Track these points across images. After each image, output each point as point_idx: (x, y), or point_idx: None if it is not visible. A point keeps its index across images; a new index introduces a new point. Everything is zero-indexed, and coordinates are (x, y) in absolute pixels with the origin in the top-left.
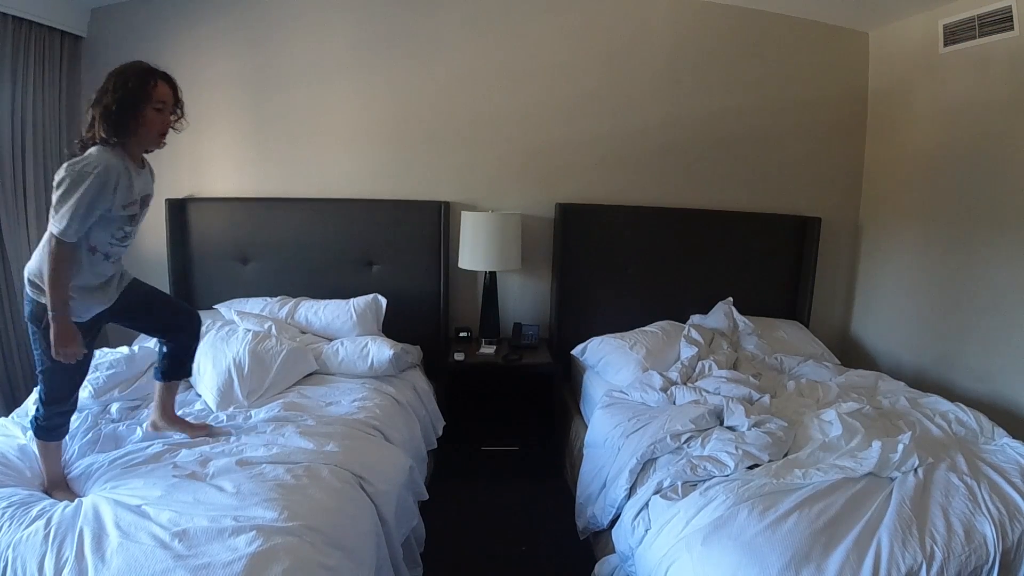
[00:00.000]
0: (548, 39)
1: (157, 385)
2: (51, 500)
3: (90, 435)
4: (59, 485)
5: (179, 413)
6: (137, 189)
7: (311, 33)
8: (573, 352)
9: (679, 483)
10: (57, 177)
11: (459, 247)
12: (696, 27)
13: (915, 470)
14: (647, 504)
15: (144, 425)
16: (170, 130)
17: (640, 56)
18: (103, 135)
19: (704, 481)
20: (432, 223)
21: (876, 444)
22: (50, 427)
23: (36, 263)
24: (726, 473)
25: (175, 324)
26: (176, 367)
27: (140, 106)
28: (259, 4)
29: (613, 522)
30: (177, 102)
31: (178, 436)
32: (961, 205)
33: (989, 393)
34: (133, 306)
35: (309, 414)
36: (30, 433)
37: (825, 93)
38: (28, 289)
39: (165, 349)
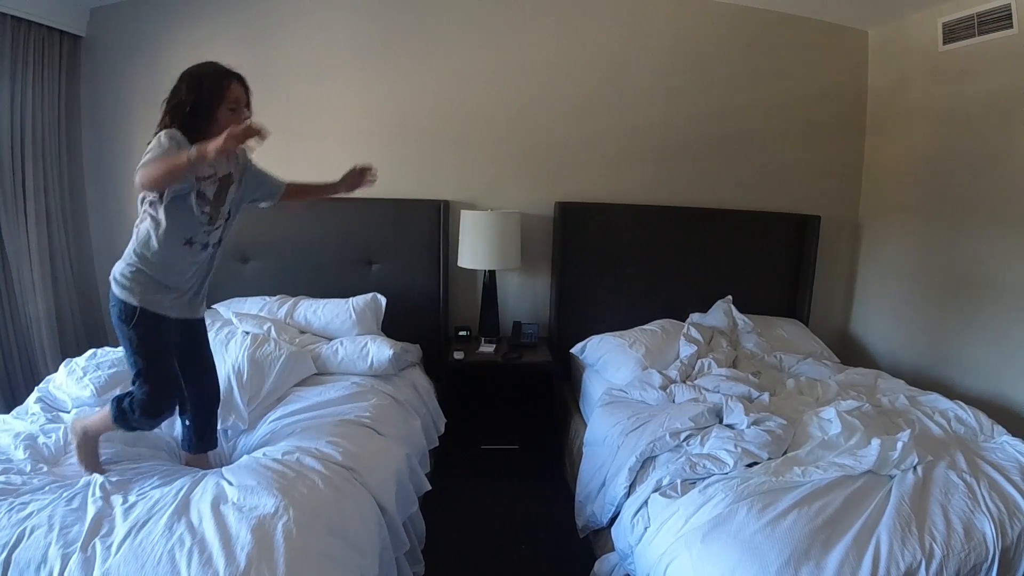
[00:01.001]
0: (547, 38)
1: (184, 455)
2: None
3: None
4: (86, 446)
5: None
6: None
7: (310, 32)
8: (572, 351)
9: (678, 481)
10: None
11: (459, 246)
12: (696, 25)
13: (914, 468)
14: (646, 502)
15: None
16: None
17: (640, 54)
18: (186, 122)
19: (703, 479)
20: (432, 222)
21: (875, 442)
22: (132, 424)
23: (122, 262)
24: (725, 471)
25: (202, 380)
26: (201, 441)
27: (214, 107)
28: (258, 4)
29: (613, 520)
30: (248, 103)
31: None
32: (960, 203)
33: (989, 391)
34: (191, 338)
35: (308, 415)
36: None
37: (825, 91)
38: (114, 290)
39: (188, 423)
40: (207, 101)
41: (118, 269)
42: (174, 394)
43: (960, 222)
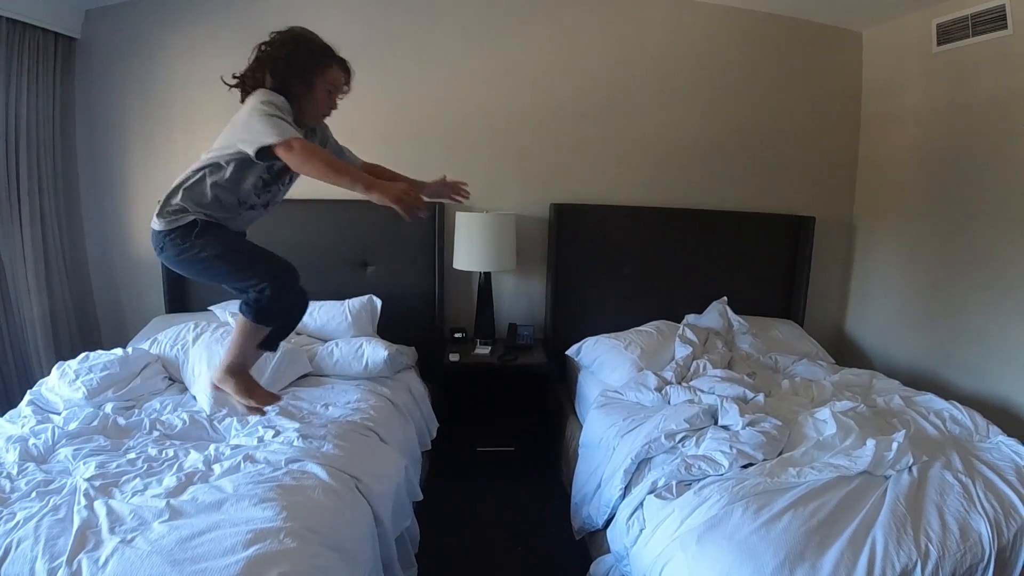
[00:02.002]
0: (543, 40)
1: (239, 321)
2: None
3: (96, 422)
4: (241, 375)
5: (174, 414)
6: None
7: None
8: (568, 352)
9: (674, 482)
10: (249, 108)
11: (454, 248)
12: (690, 27)
13: (910, 468)
14: (642, 504)
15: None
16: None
17: (635, 56)
18: (270, 83)
19: (698, 480)
20: (427, 223)
21: (870, 443)
22: (275, 307)
23: (167, 203)
24: (720, 472)
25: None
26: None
27: (309, 75)
28: (253, 7)
29: (608, 522)
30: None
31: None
32: (955, 204)
33: (984, 391)
34: None
35: (304, 415)
36: None
37: (819, 92)
38: (162, 224)
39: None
40: (307, 69)
41: (163, 207)
42: (284, 263)
43: (955, 223)
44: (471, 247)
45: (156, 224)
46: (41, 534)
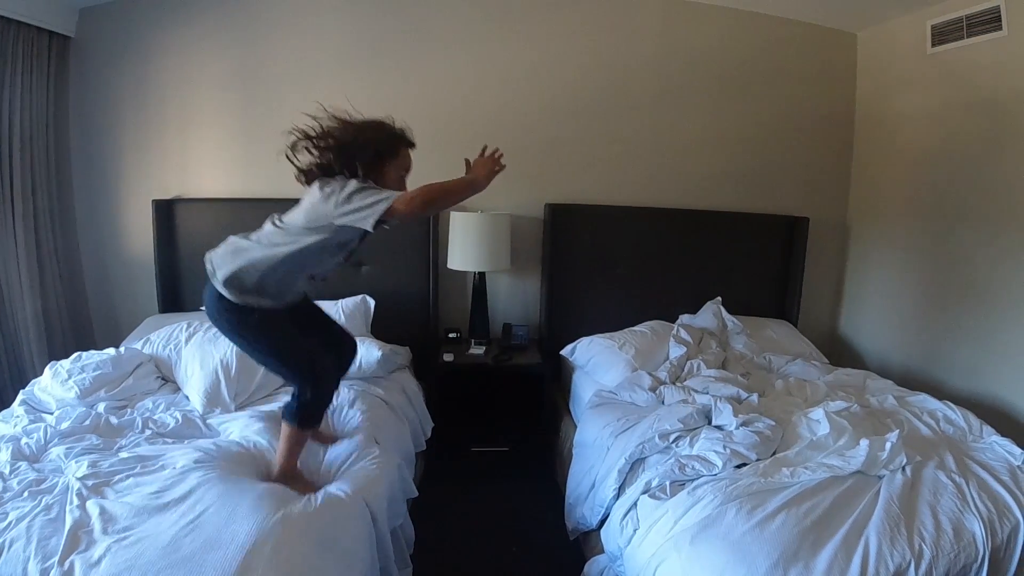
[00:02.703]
0: (537, 40)
1: (284, 429)
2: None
3: (88, 421)
4: (294, 476)
5: (167, 413)
6: None
7: (300, 34)
8: (562, 352)
9: (667, 483)
10: (335, 188)
11: (448, 247)
12: (685, 28)
13: (903, 468)
14: (635, 504)
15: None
16: None
17: (629, 57)
18: (358, 173)
19: (692, 480)
20: (421, 223)
21: (864, 442)
22: (315, 411)
23: (226, 260)
24: (714, 472)
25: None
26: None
27: (386, 164)
28: (248, 6)
29: (603, 522)
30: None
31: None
32: (949, 204)
33: (977, 391)
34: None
35: None
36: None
37: (813, 94)
38: (225, 294)
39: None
40: (384, 156)
41: (224, 271)
42: (327, 367)
43: (949, 224)
44: (466, 247)
45: (224, 290)
46: (33, 534)
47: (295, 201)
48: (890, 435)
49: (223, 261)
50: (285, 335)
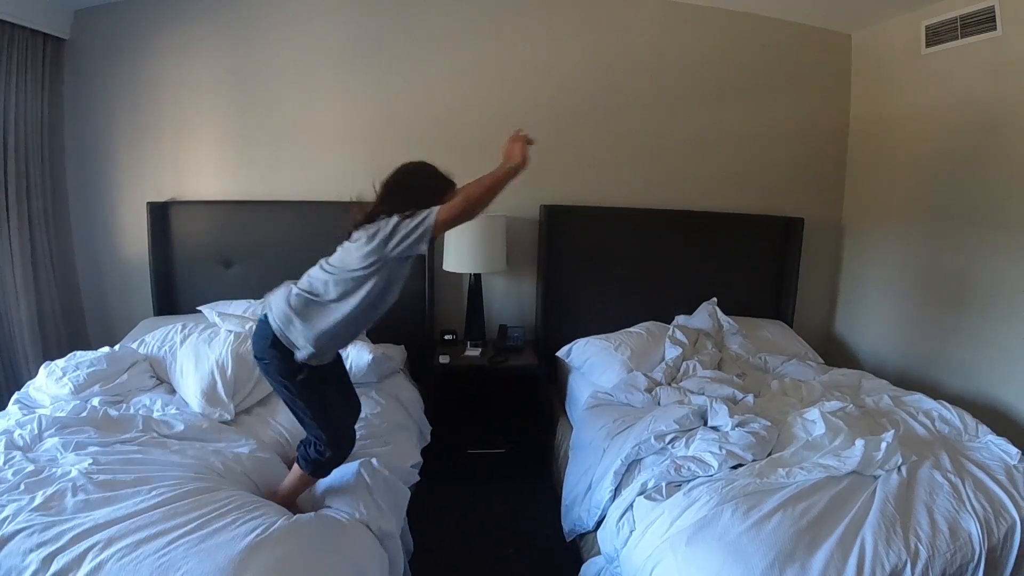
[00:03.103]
0: (531, 41)
1: (295, 470)
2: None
3: (85, 413)
4: (291, 506)
5: (166, 411)
6: None
7: (295, 36)
8: (558, 354)
9: (663, 484)
10: (380, 227)
11: (444, 249)
12: (680, 30)
13: (899, 468)
14: (631, 505)
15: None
16: None
17: (623, 58)
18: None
19: (688, 481)
20: None
21: (859, 442)
22: (330, 467)
23: (282, 310)
24: (710, 473)
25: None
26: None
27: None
28: (243, 7)
29: (599, 523)
30: None
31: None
32: (943, 205)
33: (972, 391)
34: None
35: (294, 424)
36: None
37: (808, 95)
38: (278, 336)
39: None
40: (434, 199)
41: (279, 316)
42: (350, 436)
43: (943, 224)
44: (461, 248)
45: (282, 331)
46: (34, 527)
47: (287, 203)
48: (885, 435)
49: (289, 310)
50: (326, 396)
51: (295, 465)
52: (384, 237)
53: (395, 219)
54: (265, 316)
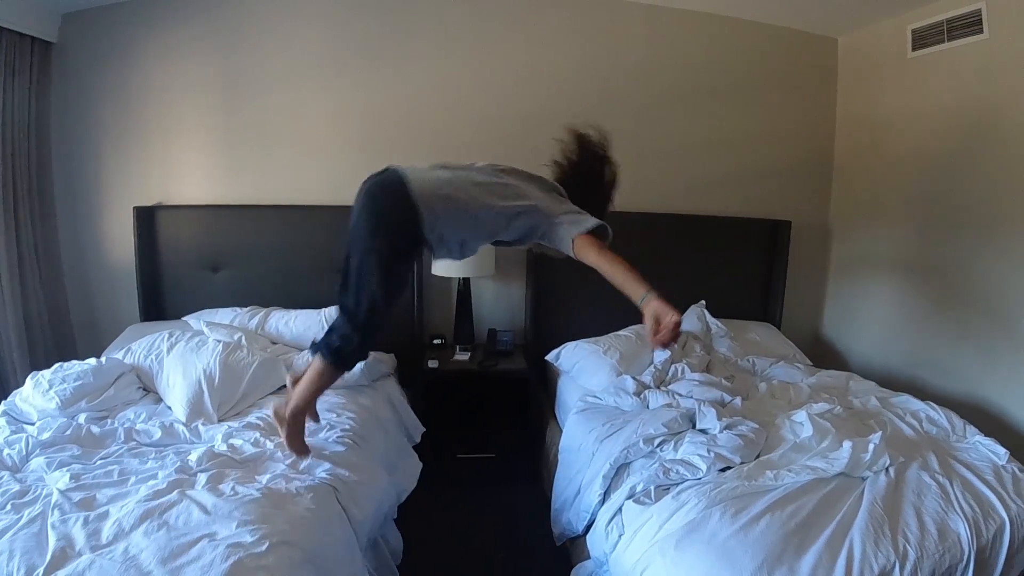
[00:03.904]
0: (520, 45)
1: (315, 364)
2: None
3: (70, 431)
4: (302, 418)
5: (150, 423)
6: None
7: (283, 39)
8: (547, 358)
9: (652, 487)
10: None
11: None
12: (668, 34)
13: (887, 469)
14: (620, 509)
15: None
16: None
17: (611, 62)
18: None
19: (677, 485)
20: None
21: (847, 444)
22: (353, 358)
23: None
24: (698, 476)
25: None
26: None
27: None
28: (231, 10)
29: (589, 528)
30: None
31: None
32: (930, 206)
33: (960, 392)
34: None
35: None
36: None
37: (795, 98)
38: (417, 203)
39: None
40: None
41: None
42: (385, 323)
43: (930, 225)
44: None
45: (418, 200)
46: (16, 548)
47: (275, 207)
48: (873, 436)
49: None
50: (403, 275)
51: (315, 359)
52: (570, 206)
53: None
54: (399, 171)
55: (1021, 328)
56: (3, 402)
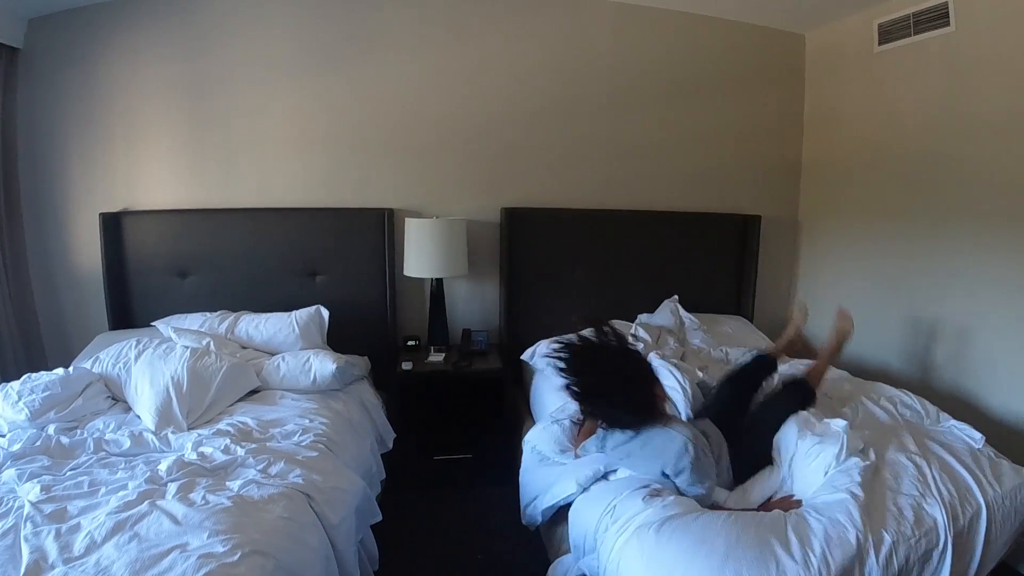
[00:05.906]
0: (490, 45)
1: None
2: None
3: (39, 442)
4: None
5: (119, 432)
6: None
7: (250, 39)
8: (523, 356)
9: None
10: None
11: (404, 254)
12: (636, 32)
13: (868, 451)
14: (612, 505)
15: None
16: None
17: (580, 61)
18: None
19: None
20: (376, 231)
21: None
22: None
23: None
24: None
25: None
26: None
27: None
28: (196, 15)
29: (555, 519)
30: None
31: None
32: (898, 200)
33: (929, 380)
34: None
35: (253, 433)
36: None
37: (763, 94)
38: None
39: None
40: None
41: None
42: None
43: (898, 218)
44: (422, 253)
45: None
46: None
47: (243, 210)
48: (836, 422)
49: None
50: None
51: None
52: None
53: None
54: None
55: (991, 318)
56: None
